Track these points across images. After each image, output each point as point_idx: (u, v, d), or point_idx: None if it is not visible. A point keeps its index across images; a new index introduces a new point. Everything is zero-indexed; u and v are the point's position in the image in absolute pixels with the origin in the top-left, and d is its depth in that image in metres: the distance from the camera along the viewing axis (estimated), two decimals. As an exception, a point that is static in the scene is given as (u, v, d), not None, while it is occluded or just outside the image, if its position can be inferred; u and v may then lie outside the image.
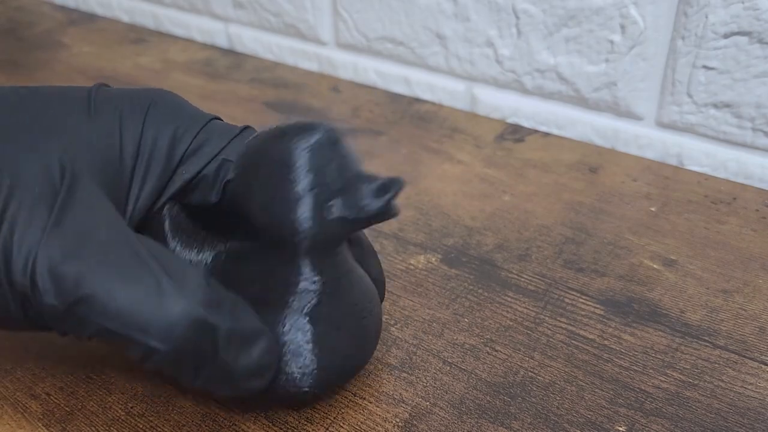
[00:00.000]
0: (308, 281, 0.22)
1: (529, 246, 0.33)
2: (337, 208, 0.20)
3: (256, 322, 0.21)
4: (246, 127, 0.24)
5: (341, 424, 0.24)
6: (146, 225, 0.23)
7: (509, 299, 0.30)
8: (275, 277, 0.22)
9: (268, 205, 0.21)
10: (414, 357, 0.27)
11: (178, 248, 0.23)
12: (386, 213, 0.21)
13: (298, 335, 0.22)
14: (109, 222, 0.20)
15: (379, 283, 0.26)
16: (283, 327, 0.22)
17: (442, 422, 0.24)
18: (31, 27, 0.64)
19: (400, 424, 0.24)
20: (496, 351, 0.27)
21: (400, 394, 0.25)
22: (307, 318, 0.22)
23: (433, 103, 0.49)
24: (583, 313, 0.29)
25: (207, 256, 0.23)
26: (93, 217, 0.20)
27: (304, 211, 0.20)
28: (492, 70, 0.46)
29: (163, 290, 0.18)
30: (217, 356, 0.20)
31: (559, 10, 0.42)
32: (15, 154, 0.20)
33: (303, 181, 0.20)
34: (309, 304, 0.22)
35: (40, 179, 0.20)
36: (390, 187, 0.21)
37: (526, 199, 0.37)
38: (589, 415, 0.24)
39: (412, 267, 0.32)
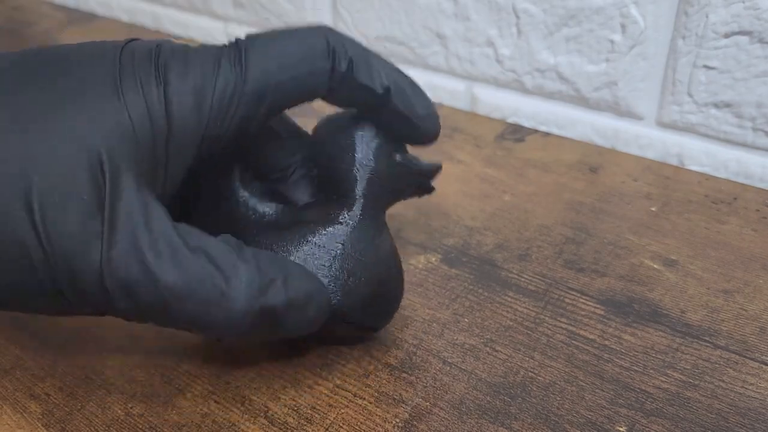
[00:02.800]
0: (356, 216, 0.25)
1: (530, 246, 0.33)
2: (399, 157, 0.25)
3: (307, 285, 0.23)
4: (235, 42, 0.23)
5: (341, 425, 0.24)
6: (215, 169, 0.26)
7: (509, 299, 0.30)
8: (331, 211, 0.25)
9: (344, 141, 0.25)
10: (414, 357, 0.27)
11: (245, 195, 0.26)
12: (429, 182, 0.27)
13: (335, 243, 0.24)
14: (156, 218, 0.20)
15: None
16: (327, 233, 0.24)
17: (442, 422, 0.24)
18: (30, 27, 0.64)
19: (400, 424, 0.24)
20: (497, 351, 0.27)
21: (400, 394, 0.25)
22: (350, 235, 0.24)
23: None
24: (583, 313, 0.29)
25: (269, 209, 0.26)
26: (141, 214, 0.20)
27: (373, 149, 0.25)
28: (492, 69, 0.46)
29: (223, 292, 0.21)
30: (277, 328, 0.22)
31: (559, 10, 0.42)
32: (40, 145, 0.19)
33: (375, 132, 0.25)
34: (354, 229, 0.25)
35: (78, 175, 0.19)
36: (435, 163, 0.27)
37: (527, 198, 0.37)
38: (590, 415, 0.24)
39: (412, 267, 0.32)
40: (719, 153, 0.40)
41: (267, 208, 0.26)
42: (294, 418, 0.25)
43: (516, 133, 0.44)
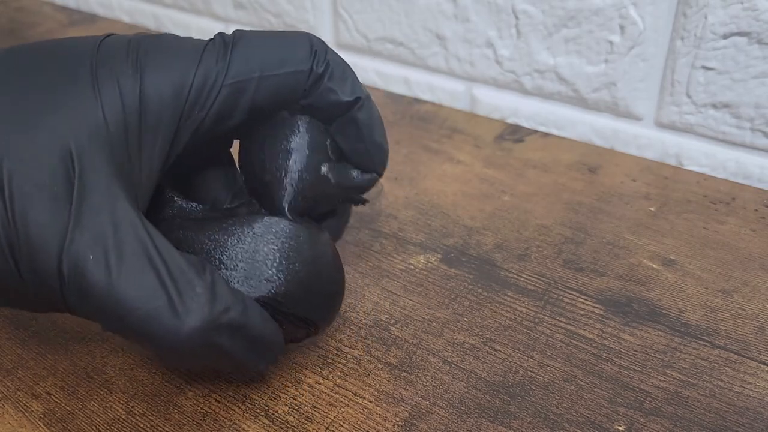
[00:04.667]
0: (285, 222, 0.24)
1: (529, 246, 0.34)
2: (325, 170, 0.24)
3: (264, 323, 0.22)
4: (220, 35, 0.23)
5: (341, 423, 0.24)
6: None
7: (509, 299, 0.30)
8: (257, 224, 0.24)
9: (270, 155, 0.24)
10: (414, 356, 0.27)
11: (173, 196, 0.25)
12: (359, 197, 0.26)
13: (279, 227, 0.23)
14: (122, 218, 0.20)
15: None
16: (268, 219, 0.23)
17: (441, 421, 0.24)
18: (32, 27, 0.64)
19: (400, 423, 0.24)
20: (496, 350, 0.27)
21: (400, 393, 0.26)
22: (290, 223, 0.24)
23: (433, 104, 0.49)
24: (582, 312, 0.29)
25: (197, 207, 0.25)
26: (108, 212, 0.20)
27: (299, 162, 0.24)
28: (492, 70, 0.46)
29: (175, 307, 0.20)
30: (224, 359, 0.22)
31: (558, 11, 0.42)
32: (16, 135, 0.20)
33: (304, 141, 0.24)
34: (293, 222, 0.24)
35: (49, 167, 0.20)
36: (369, 173, 0.25)
37: (526, 199, 0.37)
38: (589, 414, 0.25)
39: (412, 267, 0.32)
40: (718, 153, 0.40)
41: (192, 206, 0.25)
42: (294, 417, 0.25)
43: (515, 133, 0.44)
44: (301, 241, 0.24)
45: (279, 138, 0.24)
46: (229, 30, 0.58)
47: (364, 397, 0.25)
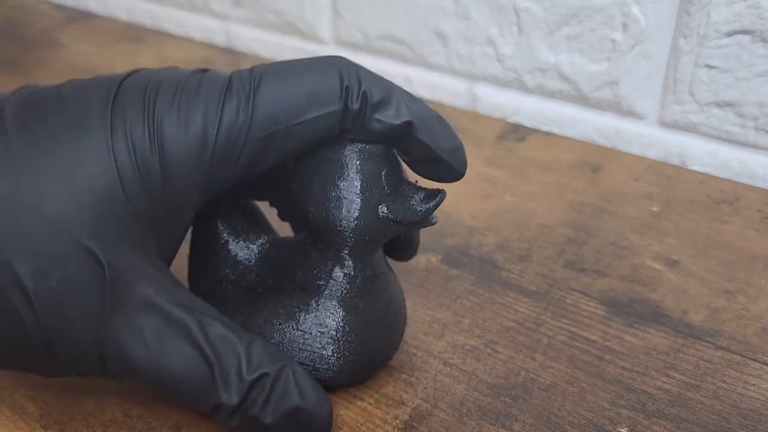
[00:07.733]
0: (348, 272, 0.23)
1: (531, 246, 0.33)
2: (384, 211, 0.23)
3: (298, 397, 0.22)
4: (231, 75, 0.21)
5: (340, 426, 0.24)
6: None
7: (510, 300, 0.30)
8: (316, 268, 0.24)
9: (320, 202, 0.23)
10: (414, 358, 0.27)
11: (228, 239, 0.26)
12: (428, 220, 0.23)
13: (328, 320, 0.23)
14: (160, 293, 0.20)
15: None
16: (315, 310, 0.24)
17: (442, 424, 0.24)
18: (28, 25, 0.63)
19: (400, 425, 0.24)
20: (497, 352, 0.27)
21: (400, 395, 0.25)
22: (342, 305, 0.23)
23: (433, 102, 0.48)
24: (584, 313, 0.29)
25: (252, 252, 0.26)
26: (141, 291, 0.20)
27: (354, 211, 0.22)
28: (493, 68, 0.46)
29: (217, 383, 0.20)
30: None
31: (560, 9, 0.42)
32: (26, 226, 0.19)
33: (355, 183, 0.22)
34: (346, 293, 0.23)
35: (69, 257, 0.19)
36: (434, 196, 0.23)
37: (528, 198, 0.37)
38: (591, 416, 0.24)
39: (412, 267, 0.32)
40: (721, 153, 0.40)
41: (247, 255, 0.25)
42: (293, 420, 0.24)
43: (517, 132, 0.44)
44: (359, 327, 0.24)
45: (326, 182, 0.23)
46: (228, 28, 0.58)
47: (364, 399, 0.25)
